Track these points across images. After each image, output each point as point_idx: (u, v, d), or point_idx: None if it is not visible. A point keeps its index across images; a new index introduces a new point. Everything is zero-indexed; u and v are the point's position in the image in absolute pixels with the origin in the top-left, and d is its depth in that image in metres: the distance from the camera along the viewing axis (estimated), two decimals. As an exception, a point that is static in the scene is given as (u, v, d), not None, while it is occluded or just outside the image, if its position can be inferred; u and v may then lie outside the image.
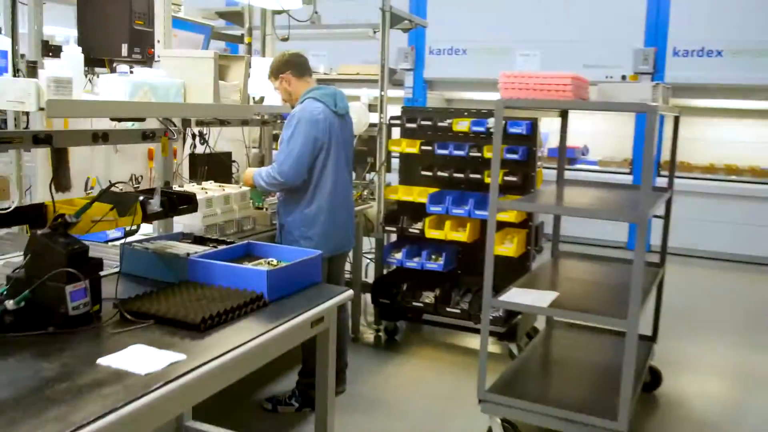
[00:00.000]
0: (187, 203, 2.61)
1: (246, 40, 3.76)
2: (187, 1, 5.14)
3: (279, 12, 5.09)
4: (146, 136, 2.62)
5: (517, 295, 3.40)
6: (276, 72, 3.64)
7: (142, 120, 2.48)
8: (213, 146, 4.82)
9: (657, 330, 4.31)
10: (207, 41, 4.04)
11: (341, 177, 3.64)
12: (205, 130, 4.39)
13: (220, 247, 2.69)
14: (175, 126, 2.77)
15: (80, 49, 1.96)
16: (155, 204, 2.43)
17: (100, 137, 2.41)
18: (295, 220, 3.58)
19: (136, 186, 3.92)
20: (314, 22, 5.49)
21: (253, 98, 4.18)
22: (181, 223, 3.38)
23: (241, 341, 2.00)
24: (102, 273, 2.63)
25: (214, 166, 4.51)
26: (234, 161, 4.82)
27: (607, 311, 3.14)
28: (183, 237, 2.88)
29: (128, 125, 2.70)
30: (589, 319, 3.20)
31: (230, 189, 3.66)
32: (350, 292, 2.56)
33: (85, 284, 2.05)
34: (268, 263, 2.61)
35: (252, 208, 3.85)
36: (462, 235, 4.65)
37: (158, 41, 2.72)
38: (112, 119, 2.32)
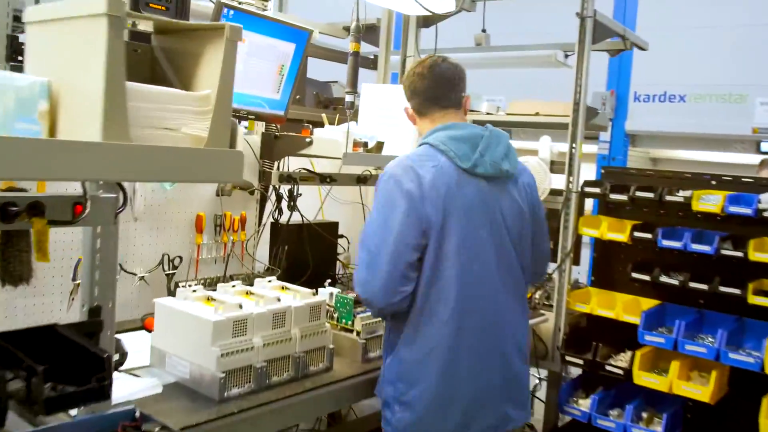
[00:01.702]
0: (83, 381, 1.07)
1: (351, 47, 2.26)
2: (310, 14, 3.79)
3: (427, 25, 3.58)
4: (8, 213, 1.13)
5: None
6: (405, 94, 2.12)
7: None
8: (319, 211, 3.35)
9: None
10: (300, 55, 2.61)
11: (480, 288, 1.94)
12: (295, 188, 2.91)
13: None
14: (122, 189, 1.26)
15: None
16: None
17: None
18: (391, 365, 1.95)
19: (170, 274, 2.51)
20: (480, 43, 3.91)
21: (365, 144, 2.65)
22: (190, 362, 1.87)
23: None
24: None
25: (311, 245, 3.00)
26: (342, 236, 3.30)
27: None
28: (127, 426, 1.34)
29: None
30: None
31: (291, 297, 2.10)
32: None
33: None
34: None
35: (336, 329, 2.27)
36: (702, 391, 2.71)
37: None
38: None
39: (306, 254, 2.97)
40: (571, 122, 3.07)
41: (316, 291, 2.26)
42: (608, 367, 2.95)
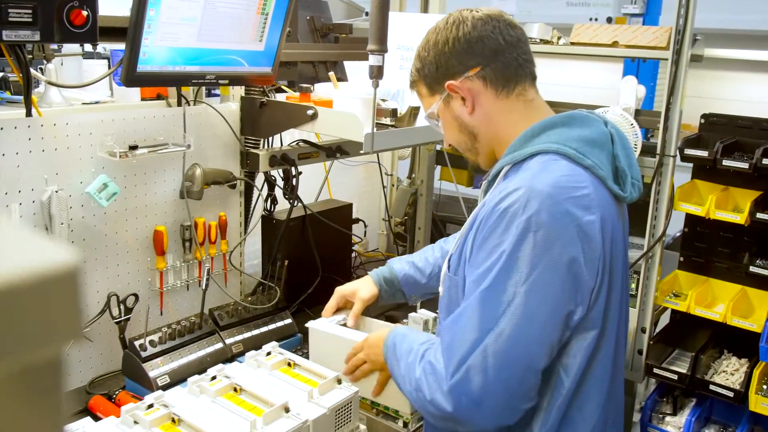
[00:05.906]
0: None
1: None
2: None
3: None
4: None
5: None
6: (437, 70, 1.22)
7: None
8: (323, 186, 2.55)
9: None
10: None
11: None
12: (292, 169, 2.08)
13: None
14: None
15: None
16: None
17: None
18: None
19: (122, 321, 1.73)
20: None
21: (393, 111, 1.82)
22: None
23: None
24: None
25: (318, 239, 2.21)
26: (357, 221, 2.50)
27: None
28: None
29: None
30: None
31: (307, 391, 1.34)
32: None
33: None
34: None
35: (369, 411, 1.53)
36: None
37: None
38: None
39: (311, 254, 2.19)
40: (672, 56, 2.23)
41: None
42: (714, 387, 2.27)
